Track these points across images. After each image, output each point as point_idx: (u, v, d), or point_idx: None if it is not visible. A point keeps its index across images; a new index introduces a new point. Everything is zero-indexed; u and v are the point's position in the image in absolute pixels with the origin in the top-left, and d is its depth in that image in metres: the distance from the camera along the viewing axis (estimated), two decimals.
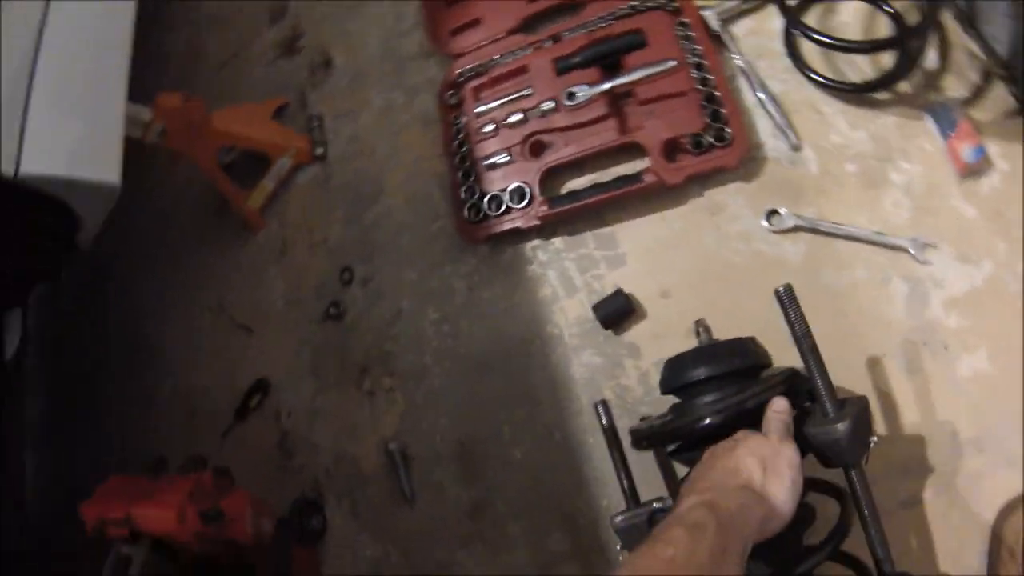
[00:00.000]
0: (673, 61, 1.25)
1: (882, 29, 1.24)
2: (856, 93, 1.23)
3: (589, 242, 1.33)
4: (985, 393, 1.06)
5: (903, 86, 1.22)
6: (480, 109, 1.43)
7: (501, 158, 1.38)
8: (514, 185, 1.35)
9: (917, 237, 1.13)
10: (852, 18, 1.27)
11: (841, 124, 1.23)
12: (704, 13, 1.33)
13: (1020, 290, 1.08)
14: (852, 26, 1.27)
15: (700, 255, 1.25)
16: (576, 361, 1.30)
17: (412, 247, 1.51)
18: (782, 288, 0.88)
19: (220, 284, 1.78)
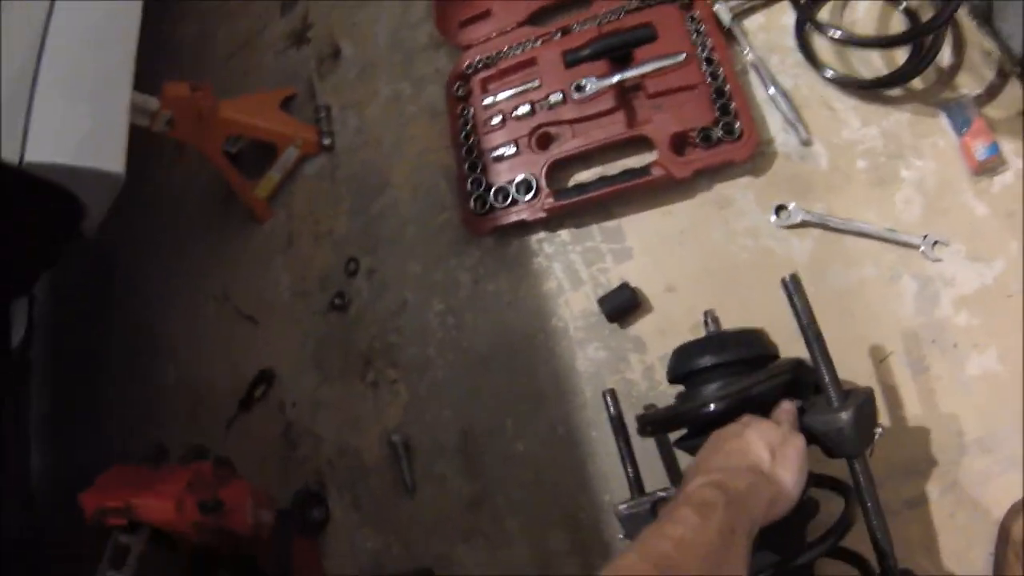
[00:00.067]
0: (683, 55, 1.24)
1: (896, 25, 1.23)
2: (868, 89, 1.22)
3: (595, 235, 1.33)
4: (994, 393, 1.04)
5: (916, 83, 1.20)
6: (488, 101, 1.43)
7: (508, 150, 1.38)
8: (520, 177, 1.34)
9: (928, 234, 1.12)
10: (866, 14, 1.26)
11: (853, 120, 1.22)
12: (716, 8, 1.31)
13: None
14: (865, 22, 1.25)
15: (707, 249, 1.24)
16: (581, 355, 1.29)
17: (417, 239, 1.51)
18: (788, 276, 0.87)
19: (225, 274, 1.78)
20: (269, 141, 1.68)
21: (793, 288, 0.87)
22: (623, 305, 1.24)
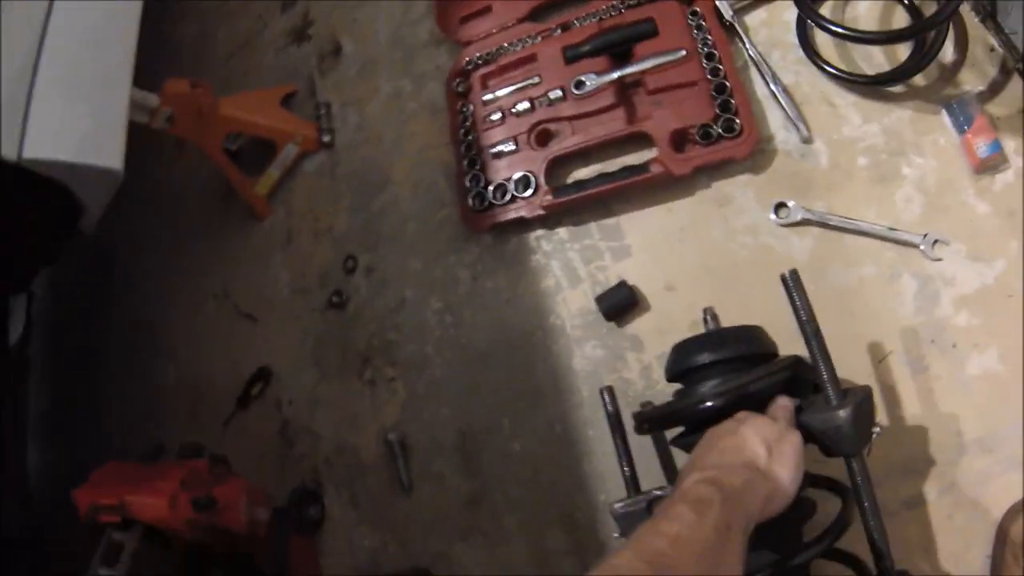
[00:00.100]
0: (683, 51, 1.24)
1: (898, 22, 1.22)
2: (870, 86, 1.20)
3: (594, 233, 1.32)
4: (994, 393, 1.03)
5: (918, 80, 1.19)
6: (487, 97, 1.42)
7: (507, 147, 1.37)
8: (519, 174, 1.34)
9: (928, 233, 1.11)
10: (867, 10, 1.25)
11: (854, 117, 1.21)
12: (718, 3, 1.30)
13: None
14: (867, 18, 1.24)
15: (706, 247, 1.23)
16: (578, 353, 1.28)
17: (417, 236, 1.50)
18: (788, 272, 0.87)
19: (225, 271, 1.78)
20: (269, 138, 1.67)
21: (793, 284, 0.87)
22: (621, 303, 1.23)
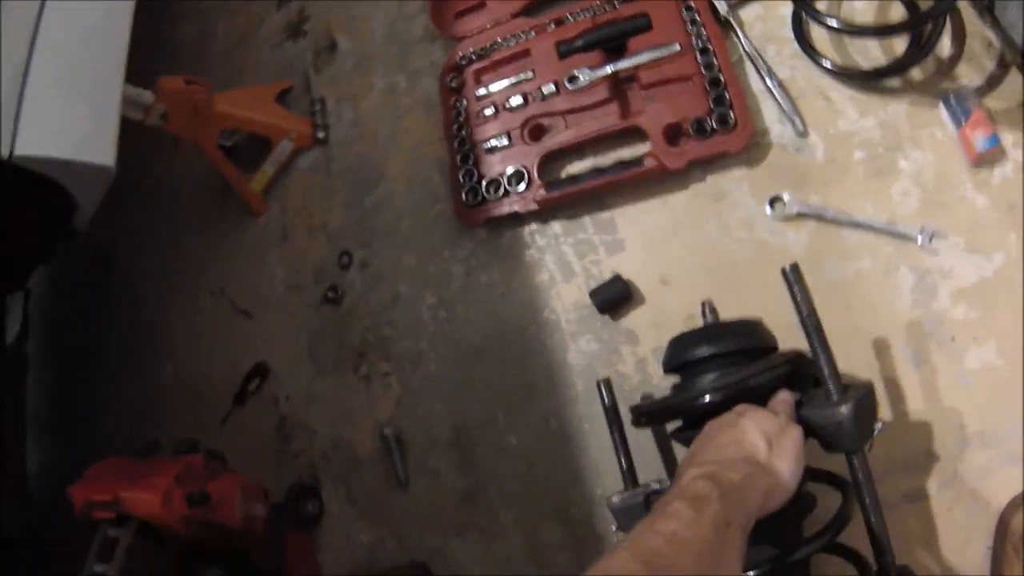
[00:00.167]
0: (677, 45, 1.23)
1: (895, 16, 1.21)
2: (866, 80, 1.20)
3: (588, 227, 1.31)
4: (993, 386, 1.03)
5: (915, 73, 1.18)
6: (481, 92, 1.41)
7: (501, 142, 1.36)
8: (513, 169, 1.33)
9: (925, 226, 1.10)
10: (864, 3, 1.24)
11: (850, 111, 1.20)
12: None
13: None
14: (864, 11, 1.23)
15: (701, 242, 1.22)
16: (573, 347, 1.28)
17: (411, 231, 1.50)
18: (789, 266, 0.86)
19: (222, 268, 1.78)
20: (264, 134, 1.67)
21: (794, 278, 0.86)
22: (615, 297, 1.22)
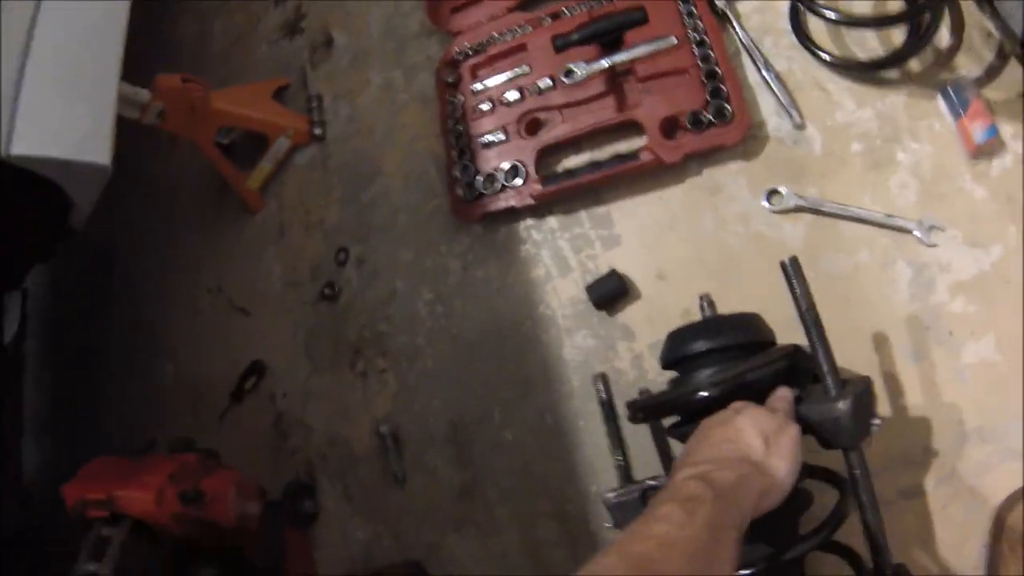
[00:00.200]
0: (673, 38, 1.22)
1: (893, 5, 1.20)
2: (864, 71, 1.18)
3: (584, 221, 1.30)
4: (991, 381, 1.01)
5: (913, 64, 1.17)
6: (477, 87, 1.41)
7: (497, 136, 1.36)
8: (509, 163, 1.32)
9: (923, 219, 1.09)
10: None
11: (847, 103, 1.19)
12: None
13: None
14: (861, 3, 1.22)
15: (697, 236, 1.21)
16: (569, 343, 1.27)
17: (408, 227, 1.49)
18: (788, 259, 0.84)
19: (220, 265, 1.77)
20: (261, 132, 1.67)
21: (793, 271, 0.84)
22: (611, 292, 1.21)
